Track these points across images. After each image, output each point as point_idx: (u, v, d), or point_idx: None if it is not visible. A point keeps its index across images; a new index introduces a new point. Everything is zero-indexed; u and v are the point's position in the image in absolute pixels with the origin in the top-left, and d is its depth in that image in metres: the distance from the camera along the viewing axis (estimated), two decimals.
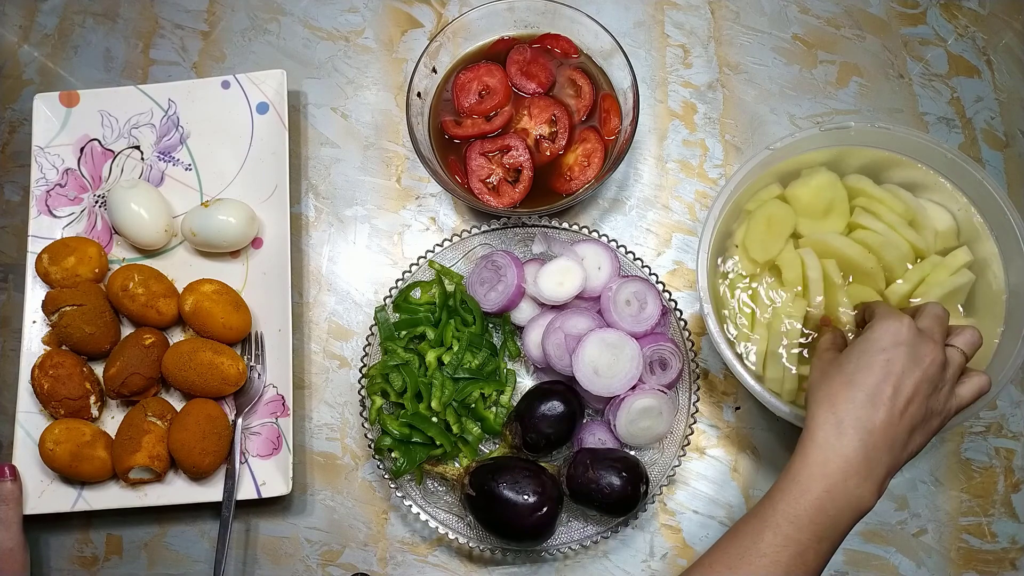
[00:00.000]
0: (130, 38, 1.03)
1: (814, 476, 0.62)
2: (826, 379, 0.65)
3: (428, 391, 0.83)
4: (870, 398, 0.62)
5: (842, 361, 0.65)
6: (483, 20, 0.91)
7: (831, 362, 0.66)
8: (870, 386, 0.63)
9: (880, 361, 0.63)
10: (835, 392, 0.64)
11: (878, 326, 0.65)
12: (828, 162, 0.84)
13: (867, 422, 0.62)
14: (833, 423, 0.63)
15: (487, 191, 0.88)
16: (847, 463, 0.61)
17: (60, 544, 0.88)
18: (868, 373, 0.63)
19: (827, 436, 0.62)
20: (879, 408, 0.62)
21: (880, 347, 0.64)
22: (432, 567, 0.85)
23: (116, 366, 0.85)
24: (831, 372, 0.65)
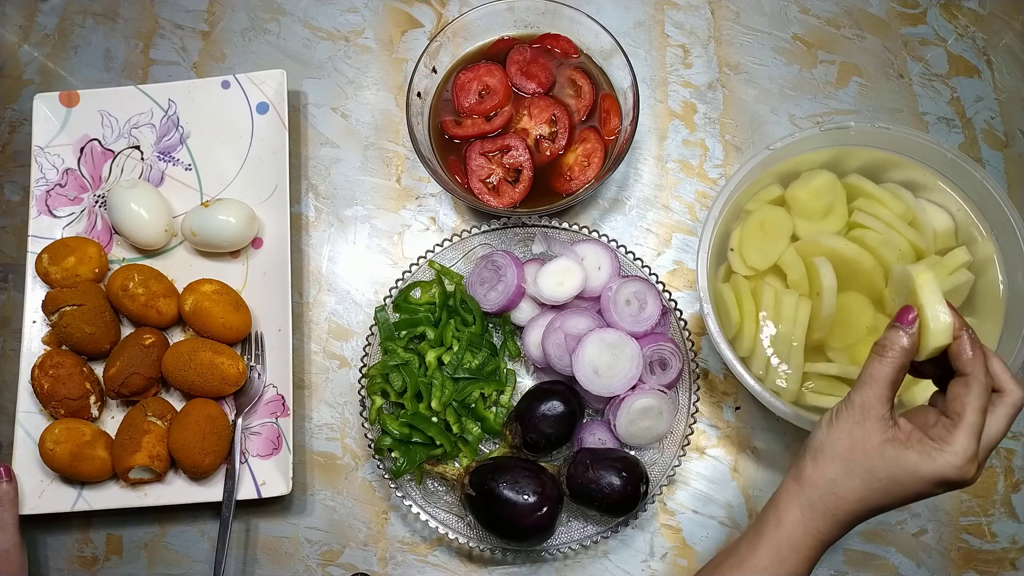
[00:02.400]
0: (130, 38, 1.04)
1: (794, 559, 0.60)
2: (852, 473, 0.59)
3: (428, 391, 0.83)
4: (870, 514, 0.60)
5: (877, 471, 0.58)
6: (483, 20, 0.91)
7: (868, 452, 0.59)
8: (879, 509, 0.60)
9: (911, 497, 0.59)
10: (849, 497, 0.59)
11: (944, 463, 0.57)
12: (828, 162, 0.84)
13: (858, 516, 0.60)
14: (829, 521, 0.60)
15: (487, 191, 0.88)
16: (816, 550, 0.61)
17: (60, 544, 0.88)
18: (890, 501, 0.59)
19: (816, 530, 0.60)
20: (865, 509, 0.60)
21: (924, 486, 0.58)
22: (432, 567, 0.85)
23: (116, 366, 0.85)
24: (859, 468, 0.59)
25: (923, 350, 0.60)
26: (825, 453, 0.61)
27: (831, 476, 0.60)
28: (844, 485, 0.60)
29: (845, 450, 0.60)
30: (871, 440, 0.59)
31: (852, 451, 0.59)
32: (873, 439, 0.59)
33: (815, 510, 0.60)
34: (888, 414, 0.60)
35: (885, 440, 0.59)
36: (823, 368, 0.78)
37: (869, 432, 0.59)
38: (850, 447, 0.59)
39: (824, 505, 0.60)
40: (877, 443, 0.59)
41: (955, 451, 0.57)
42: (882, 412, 0.59)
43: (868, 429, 0.59)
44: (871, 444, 0.59)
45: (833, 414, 0.61)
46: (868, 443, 0.59)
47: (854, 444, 0.59)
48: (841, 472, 0.60)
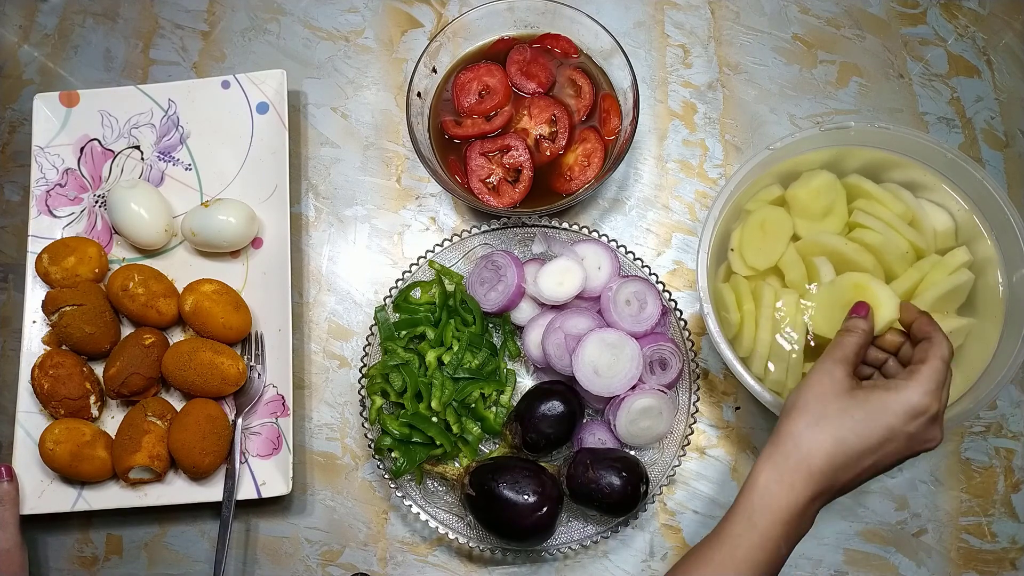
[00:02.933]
0: (130, 38, 1.04)
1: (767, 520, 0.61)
2: (823, 418, 0.62)
3: (428, 391, 0.83)
4: (849, 464, 0.62)
5: (849, 409, 0.62)
6: (483, 20, 0.91)
7: (837, 395, 0.63)
8: (856, 454, 0.61)
9: (883, 435, 0.61)
10: (822, 442, 0.61)
11: (910, 392, 0.62)
12: (828, 162, 0.84)
13: (833, 482, 0.62)
14: (803, 473, 0.61)
15: (487, 191, 0.88)
16: (793, 511, 0.61)
17: (60, 544, 0.88)
18: (862, 441, 0.61)
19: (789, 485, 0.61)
20: (850, 472, 0.62)
21: (893, 417, 0.61)
22: (432, 567, 0.85)
23: (116, 366, 0.85)
24: (831, 411, 0.62)
25: (879, 323, 0.71)
26: (797, 407, 0.64)
27: (804, 424, 0.62)
28: (817, 429, 0.62)
29: (816, 399, 0.63)
30: (841, 388, 0.63)
31: (823, 399, 0.63)
32: (843, 386, 0.63)
33: (788, 461, 0.62)
34: (853, 374, 0.66)
35: (854, 386, 0.64)
36: None
37: (839, 383, 0.64)
38: (821, 395, 0.63)
39: (798, 455, 0.62)
40: (847, 388, 0.63)
41: (920, 381, 0.62)
42: (849, 371, 0.65)
43: (838, 380, 0.64)
44: (841, 390, 0.63)
45: (805, 376, 0.65)
46: (838, 390, 0.63)
47: (824, 393, 0.63)
48: (813, 419, 0.62)
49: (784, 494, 0.61)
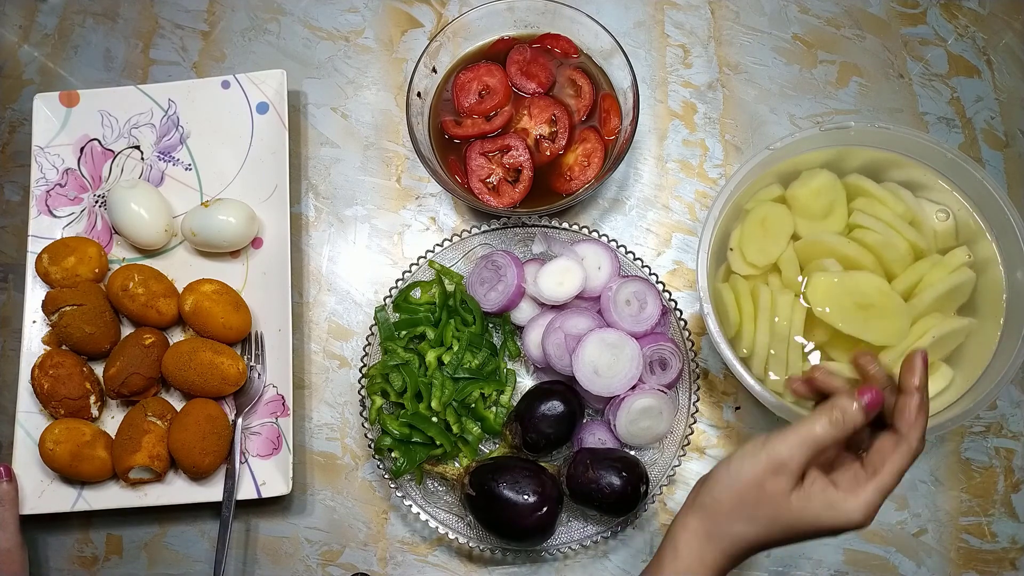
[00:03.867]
0: (130, 38, 1.04)
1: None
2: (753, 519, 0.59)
3: (428, 391, 0.83)
4: (773, 545, 0.60)
5: (780, 518, 0.59)
6: (483, 20, 0.91)
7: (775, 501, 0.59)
8: (784, 542, 0.60)
9: (818, 535, 0.59)
10: (760, 524, 0.59)
11: (849, 513, 0.57)
12: (828, 162, 0.84)
13: (749, 553, 0.61)
14: (717, 543, 0.61)
15: (487, 191, 0.88)
16: (694, 569, 0.61)
17: (60, 544, 0.88)
18: (798, 535, 0.59)
19: (705, 550, 0.61)
20: (772, 546, 0.61)
21: (824, 530, 0.58)
22: (432, 567, 0.85)
23: (116, 366, 0.85)
24: (760, 517, 0.59)
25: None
26: (732, 493, 0.60)
27: (734, 517, 0.60)
28: (745, 527, 0.59)
29: (752, 495, 0.59)
30: (781, 490, 0.58)
31: (760, 498, 0.59)
32: (784, 489, 0.58)
33: (711, 543, 0.60)
34: (804, 468, 0.59)
35: (793, 490, 0.58)
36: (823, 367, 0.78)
37: (781, 484, 0.58)
38: (758, 494, 0.59)
39: (721, 542, 0.60)
40: (786, 492, 0.58)
41: (859, 505, 0.57)
42: (801, 467, 0.59)
43: (781, 482, 0.58)
44: (780, 493, 0.58)
45: (746, 455, 0.60)
46: (778, 493, 0.58)
47: (762, 493, 0.59)
48: (745, 515, 0.59)
49: (704, 568, 0.61)
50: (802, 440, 0.58)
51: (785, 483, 0.58)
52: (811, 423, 0.59)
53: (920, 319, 0.78)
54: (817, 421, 0.59)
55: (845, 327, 0.77)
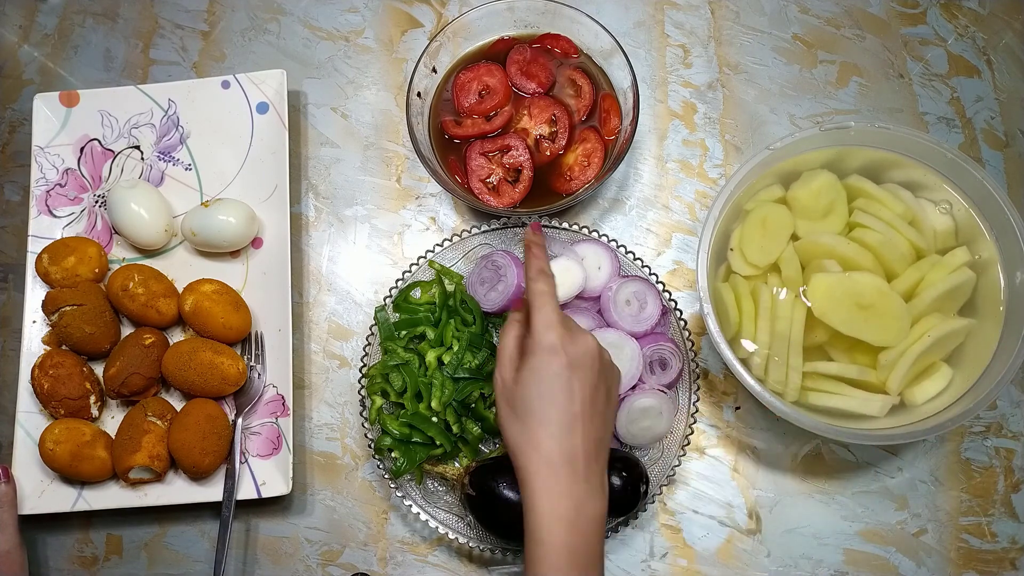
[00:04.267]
0: (130, 38, 1.04)
1: (551, 526, 0.62)
2: (519, 422, 0.65)
3: (428, 391, 0.83)
4: (566, 427, 0.64)
5: (526, 397, 0.65)
6: (483, 20, 0.91)
7: (515, 400, 0.66)
8: (561, 415, 0.64)
9: (559, 388, 0.64)
10: (534, 433, 0.64)
11: (539, 347, 0.65)
12: (828, 162, 0.84)
13: (571, 450, 0.64)
14: (543, 466, 0.63)
15: (487, 191, 0.88)
16: (572, 497, 0.63)
17: (60, 544, 0.88)
18: (553, 405, 0.64)
19: (545, 481, 0.63)
20: (576, 430, 0.64)
21: (553, 373, 0.64)
22: (432, 567, 0.85)
23: (116, 366, 0.85)
24: (520, 413, 0.65)
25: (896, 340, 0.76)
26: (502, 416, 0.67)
27: (511, 432, 0.66)
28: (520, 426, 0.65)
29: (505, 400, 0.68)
30: (518, 403, 0.66)
31: (509, 395, 0.67)
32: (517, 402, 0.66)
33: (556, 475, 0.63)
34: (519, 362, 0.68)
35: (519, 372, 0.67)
36: (823, 367, 0.78)
37: (509, 375, 0.68)
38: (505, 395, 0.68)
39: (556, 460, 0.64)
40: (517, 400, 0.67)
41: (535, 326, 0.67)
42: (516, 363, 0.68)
43: (507, 374, 0.68)
44: (519, 406, 0.66)
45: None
46: (519, 408, 0.66)
47: (505, 390, 0.68)
48: (513, 421, 0.66)
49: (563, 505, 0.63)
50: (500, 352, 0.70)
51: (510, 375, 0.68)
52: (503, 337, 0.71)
53: (920, 319, 0.78)
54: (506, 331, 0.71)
55: (845, 327, 0.77)
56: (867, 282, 0.77)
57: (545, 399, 0.64)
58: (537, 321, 0.67)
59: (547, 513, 0.63)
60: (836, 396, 0.78)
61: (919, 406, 0.78)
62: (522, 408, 0.65)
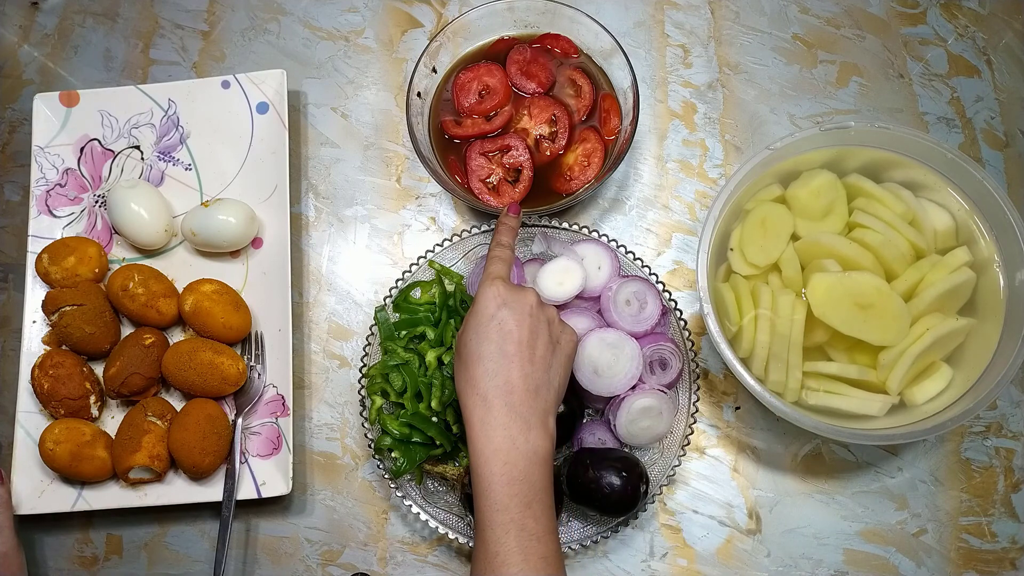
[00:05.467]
0: (130, 38, 1.04)
1: (488, 458, 0.65)
2: (462, 366, 0.70)
3: (428, 391, 0.83)
4: (500, 363, 0.67)
5: (466, 341, 0.70)
6: (483, 20, 0.91)
7: (460, 347, 0.71)
8: (495, 352, 0.68)
9: (493, 328, 0.69)
10: (472, 372, 0.68)
11: (479, 296, 0.71)
12: (828, 162, 0.84)
13: (505, 384, 0.67)
14: (479, 402, 0.67)
15: (487, 191, 0.88)
16: (506, 429, 0.66)
17: (60, 544, 0.88)
18: (488, 342, 0.68)
19: (480, 415, 0.67)
20: (511, 367, 0.67)
21: (488, 315, 0.69)
22: (432, 567, 0.85)
23: (116, 366, 0.85)
24: (463, 356, 0.70)
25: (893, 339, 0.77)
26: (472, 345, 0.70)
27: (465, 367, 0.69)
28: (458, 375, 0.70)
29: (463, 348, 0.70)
30: (462, 346, 0.70)
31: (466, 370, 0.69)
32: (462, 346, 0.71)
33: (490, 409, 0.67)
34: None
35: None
36: (823, 367, 0.78)
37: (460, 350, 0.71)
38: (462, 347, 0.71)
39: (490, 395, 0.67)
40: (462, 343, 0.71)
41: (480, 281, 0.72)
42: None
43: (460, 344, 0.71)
44: (463, 348, 0.70)
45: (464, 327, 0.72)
46: (463, 351, 0.70)
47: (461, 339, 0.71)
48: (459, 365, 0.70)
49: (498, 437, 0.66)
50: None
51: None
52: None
53: (920, 319, 0.78)
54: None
55: (845, 327, 0.77)
56: (867, 282, 0.77)
57: (481, 338, 0.69)
58: (483, 275, 0.73)
59: (483, 446, 0.66)
60: (836, 396, 0.78)
61: (919, 406, 0.78)
62: (464, 351, 0.70)
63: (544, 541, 0.64)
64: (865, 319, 0.77)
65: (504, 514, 0.64)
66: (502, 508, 0.64)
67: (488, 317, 0.69)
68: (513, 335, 0.68)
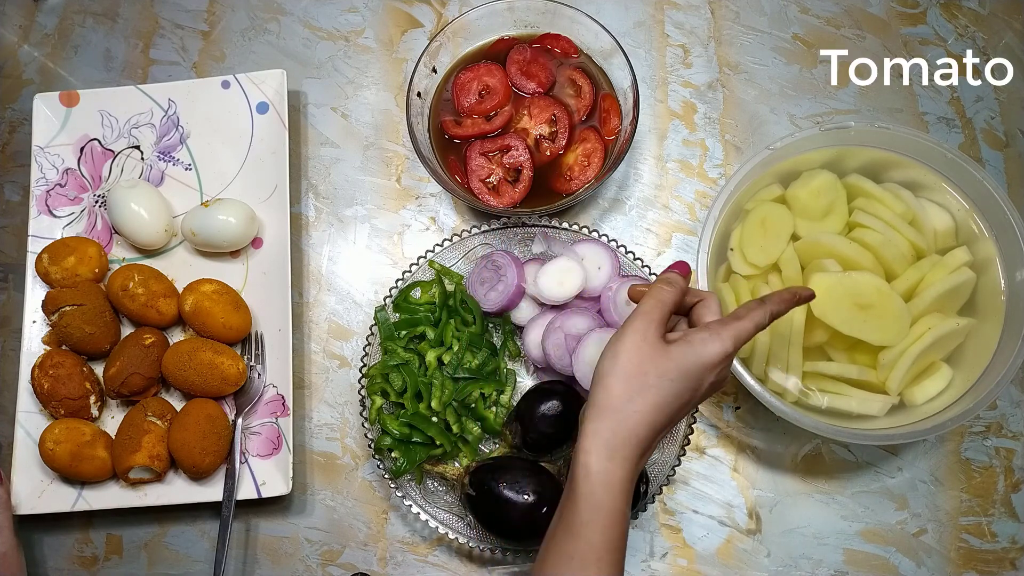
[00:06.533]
0: (130, 38, 1.04)
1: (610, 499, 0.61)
2: (644, 388, 0.61)
3: (428, 391, 0.83)
4: (667, 422, 0.62)
5: (667, 373, 0.61)
6: (483, 20, 0.91)
7: (654, 360, 0.62)
8: (673, 411, 0.62)
9: (695, 386, 0.62)
10: (644, 413, 0.61)
11: (711, 345, 0.62)
12: (828, 162, 0.84)
13: (653, 440, 0.62)
14: (631, 447, 0.61)
15: (487, 191, 0.88)
16: (628, 481, 0.61)
17: (60, 544, 0.88)
18: (679, 399, 0.62)
19: (622, 460, 0.61)
20: (661, 426, 0.62)
21: (704, 370, 0.62)
22: (432, 567, 0.85)
23: (116, 366, 0.85)
24: (651, 380, 0.61)
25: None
26: (616, 377, 0.62)
27: (626, 397, 0.61)
28: (640, 400, 0.61)
29: (635, 367, 0.61)
30: (656, 351, 0.62)
31: (642, 365, 0.61)
32: (658, 349, 0.62)
33: (616, 438, 0.61)
34: (665, 331, 0.64)
35: (670, 344, 0.63)
36: (823, 367, 0.78)
37: (654, 344, 0.62)
38: (639, 362, 0.62)
39: (625, 431, 0.61)
40: (661, 350, 0.62)
41: (722, 337, 0.62)
42: (662, 330, 0.64)
43: (652, 343, 0.62)
44: (657, 353, 0.62)
45: (614, 342, 0.63)
46: (655, 354, 0.62)
47: (643, 358, 0.62)
48: (636, 387, 0.61)
49: (618, 469, 0.61)
50: (653, 304, 0.64)
51: (657, 341, 0.63)
52: (652, 290, 0.66)
53: (920, 319, 0.78)
54: (656, 286, 0.66)
55: (845, 327, 0.77)
56: (867, 282, 0.77)
57: (677, 391, 0.61)
58: (713, 311, 0.66)
59: (599, 473, 0.60)
60: (836, 396, 0.78)
61: (919, 406, 0.78)
62: (652, 381, 0.61)
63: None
64: (865, 319, 0.77)
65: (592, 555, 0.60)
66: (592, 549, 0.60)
67: (698, 374, 0.61)
68: (698, 395, 0.63)
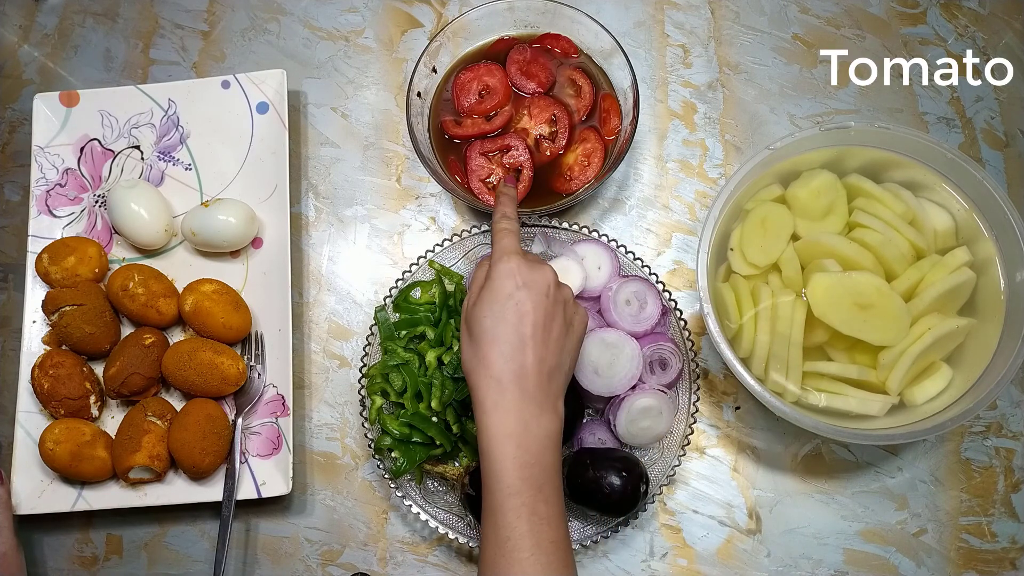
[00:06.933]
0: (130, 38, 1.04)
1: (501, 442, 0.64)
2: (473, 344, 0.67)
3: (428, 391, 0.83)
4: (515, 346, 0.65)
5: (479, 318, 0.67)
6: (483, 20, 0.91)
7: (471, 323, 0.68)
8: (510, 334, 0.65)
9: (510, 308, 0.66)
10: (485, 353, 0.66)
11: (495, 273, 0.68)
12: (828, 162, 0.84)
13: (520, 369, 0.65)
14: (492, 384, 0.65)
15: (487, 191, 0.88)
16: (519, 413, 0.64)
17: (60, 544, 0.88)
18: (504, 323, 0.65)
19: (493, 399, 0.64)
20: (527, 351, 0.65)
21: (505, 294, 0.66)
22: (432, 567, 0.85)
23: (116, 366, 0.85)
24: (475, 334, 0.67)
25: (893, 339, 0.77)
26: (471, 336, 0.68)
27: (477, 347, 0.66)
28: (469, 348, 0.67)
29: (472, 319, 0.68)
30: (474, 323, 0.68)
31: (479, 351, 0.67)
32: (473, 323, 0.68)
33: (504, 392, 0.64)
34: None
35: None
36: (823, 367, 0.78)
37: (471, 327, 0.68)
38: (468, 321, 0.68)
39: (505, 378, 0.64)
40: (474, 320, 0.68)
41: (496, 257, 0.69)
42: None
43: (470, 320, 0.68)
44: (475, 326, 0.67)
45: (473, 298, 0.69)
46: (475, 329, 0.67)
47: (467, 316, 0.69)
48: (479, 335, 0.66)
49: (522, 425, 0.64)
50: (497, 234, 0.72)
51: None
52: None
53: (920, 319, 0.78)
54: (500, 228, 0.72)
55: (845, 327, 0.77)
56: (867, 282, 0.77)
57: (497, 318, 0.66)
58: (496, 250, 0.70)
59: (495, 429, 0.64)
60: (836, 396, 0.78)
61: (919, 406, 0.78)
62: (477, 329, 0.67)
63: (554, 526, 0.63)
64: (865, 319, 0.77)
65: (516, 498, 0.63)
66: (514, 492, 0.63)
67: (505, 296, 0.66)
68: (530, 317, 0.65)
